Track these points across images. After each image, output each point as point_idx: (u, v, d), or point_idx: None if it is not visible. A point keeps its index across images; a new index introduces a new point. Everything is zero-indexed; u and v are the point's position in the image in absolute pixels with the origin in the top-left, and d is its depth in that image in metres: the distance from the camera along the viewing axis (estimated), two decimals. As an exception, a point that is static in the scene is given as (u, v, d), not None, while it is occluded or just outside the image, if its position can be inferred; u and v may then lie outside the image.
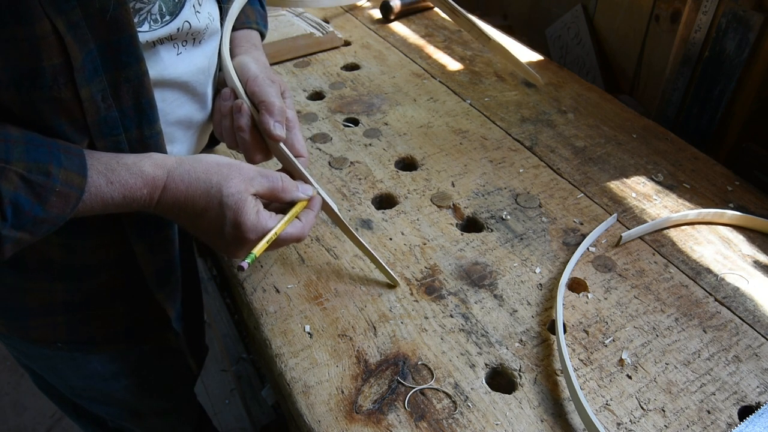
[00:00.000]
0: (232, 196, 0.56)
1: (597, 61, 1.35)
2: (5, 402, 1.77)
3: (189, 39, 0.63)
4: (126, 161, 0.55)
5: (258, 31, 0.79)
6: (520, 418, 0.60)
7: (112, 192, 0.53)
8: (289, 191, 0.62)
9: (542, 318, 0.70)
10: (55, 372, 0.82)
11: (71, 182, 0.50)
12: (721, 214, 0.83)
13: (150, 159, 0.56)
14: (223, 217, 0.57)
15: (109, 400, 0.88)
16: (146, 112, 0.57)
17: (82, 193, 0.51)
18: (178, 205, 0.57)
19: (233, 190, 0.57)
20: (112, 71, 0.53)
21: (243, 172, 0.58)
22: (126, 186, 0.54)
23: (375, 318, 0.70)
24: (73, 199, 0.51)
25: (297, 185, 0.63)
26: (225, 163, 0.59)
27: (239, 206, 0.57)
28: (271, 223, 0.59)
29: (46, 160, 0.48)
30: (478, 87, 1.14)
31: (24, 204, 0.47)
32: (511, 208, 0.86)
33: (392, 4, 1.38)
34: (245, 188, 0.58)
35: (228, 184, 0.57)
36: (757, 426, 0.58)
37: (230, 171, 0.58)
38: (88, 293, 0.71)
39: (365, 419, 0.60)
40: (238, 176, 0.58)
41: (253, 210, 0.58)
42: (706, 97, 1.04)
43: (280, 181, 0.61)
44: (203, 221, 0.58)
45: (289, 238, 0.61)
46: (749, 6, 0.93)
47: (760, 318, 0.70)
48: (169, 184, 0.56)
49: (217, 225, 0.58)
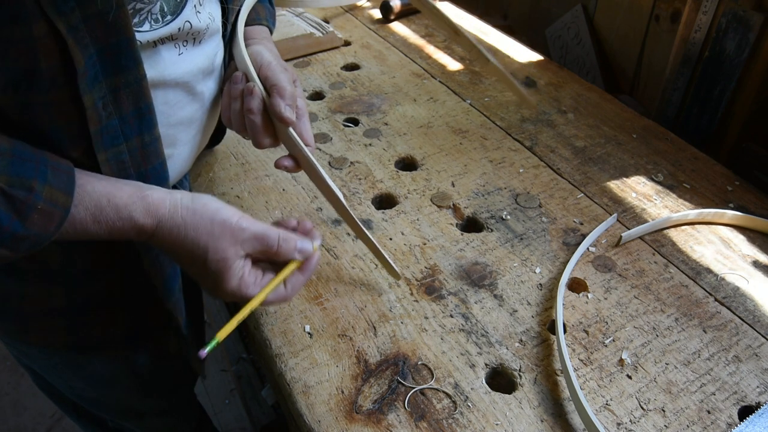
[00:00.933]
0: (217, 261, 0.55)
1: (597, 61, 1.35)
2: (5, 402, 1.77)
3: (190, 39, 0.63)
4: (117, 202, 0.53)
5: (267, 27, 0.79)
6: (520, 418, 0.60)
7: (98, 230, 0.52)
8: (284, 254, 0.58)
9: (542, 318, 0.70)
10: (55, 372, 0.82)
11: (55, 200, 0.49)
12: (721, 214, 0.83)
13: (143, 203, 0.54)
14: (207, 274, 0.56)
15: (109, 400, 0.88)
16: (146, 117, 0.57)
17: (67, 212, 0.50)
18: (166, 249, 0.57)
19: (219, 256, 0.55)
20: (112, 76, 0.52)
21: (237, 234, 0.56)
22: (113, 228, 0.53)
23: (375, 318, 0.70)
24: (56, 218, 0.49)
25: (296, 244, 0.59)
26: (220, 221, 0.56)
27: (222, 271, 0.55)
28: (253, 290, 0.57)
29: (30, 175, 0.47)
30: (478, 87, 1.14)
31: (3, 219, 0.46)
32: (511, 208, 0.86)
33: (392, 4, 1.38)
34: (233, 253, 0.56)
35: (216, 247, 0.55)
36: (757, 426, 0.58)
37: (222, 232, 0.55)
38: (88, 299, 0.71)
39: (365, 419, 0.60)
40: (229, 239, 0.55)
41: (236, 277, 0.56)
42: (706, 97, 1.04)
43: (276, 245, 0.58)
44: (187, 267, 0.58)
45: (269, 303, 0.60)
46: (749, 6, 0.93)
47: (760, 318, 0.70)
48: (158, 233, 0.55)
49: (201, 277, 0.57)
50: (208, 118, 0.73)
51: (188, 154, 0.71)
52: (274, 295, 0.59)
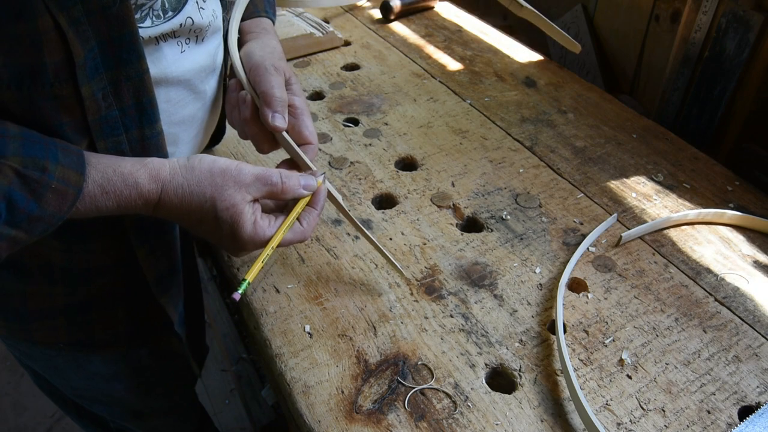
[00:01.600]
0: (227, 210, 0.55)
1: (597, 61, 1.35)
2: (5, 402, 1.77)
3: (192, 36, 0.62)
4: (123, 170, 0.53)
5: (266, 18, 0.78)
6: (520, 418, 0.60)
7: (106, 201, 0.53)
8: (289, 191, 0.59)
9: (542, 318, 0.70)
10: (56, 372, 0.82)
11: (68, 179, 0.49)
12: (721, 214, 0.83)
13: (146, 169, 0.55)
14: (220, 229, 0.56)
15: (110, 400, 0.88)
16: (147, 111, 0.57)
17: (80, 191, 0.50)
18: (174, 215, 0.57)
19: (228, 204, 0.55)
20: (113, 69, 0.52)
21: (239, 179, 0.56)
22: (121, 197, 0.53)
23: (375, 318, 0.70)
24: (70, 197, 0.50)
25: (299, 180, 0.60)
26: (219, 170, 0.56)
27: (234, 220, 0.55)
28: (269, 232, 0.58)
29: (42, 156, 0.48)
30: (478, 87, 1.14)
31: (18, 200, 0.47)
32: (511, 208, 0.86)
33: (392, 4, 1.38)
34: (241, 198, 0.56)
35: (222, 197, 0.55)
36: (757, 426, 0.58)
37: (224, 180, 0.56)
38: (89, 296, 0.71)
39: (365, 419, 0.60)
40: (233, 185, 0.56)
41: (249, 221, 0.56)
42: (706, 97, 1.04)
43: (280, 182, 0.58)
44: (201, 229, 0.58)
45: (288, 243, 0.60)
46: (749, 6, 0.93)
47: (760, 318, 0.70)
48: (163, 197, 0.55)
49: (216, 234, 0.57)
50: (209, 117, 0.73)
51: (190, 153, 0.71)
52: (292, 234, 0.60)
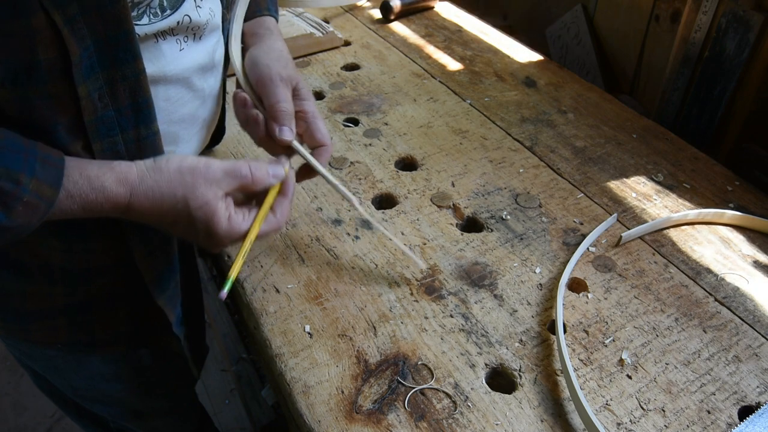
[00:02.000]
0: (200, 208, 0.54)
1: (597, 61, 1.35)
2: (5, 402, 1.77)
3: (190, 34, 0.62)
4: (89, 173, 0.52)
5: (269, 17, 0.77)
6: (520, 418, 0.60)
7: (71, 204, 0.52)
8: (260, 181, 0.59)
9: (542, 318, 0.70)
10: (57, 372, 0.82)
11: (42, 194, 0.49)
12: (721, 214, 0.83)
13: (113, 172, 0.54)
14: (195, 228, 0.56)
15: (110, 400, 0.88)
16: (143, 111, 0.57)
17: (51, 205, 0.50)
18: (147, 218, 0.56)
19: (200, 202, 0.54)
20: (109, 68, 0.52)
21: (209, 175, 0.55)
22: (86, 200, 0.52)
23: (375, 318, 0.70)
24: (40, 210, 0.49)
25: (268, 170, 0.60)
26: (188, 169, 0.55)
27: (209, 217, 0.55)
28: (244, 225, 0.58)
29: (18, 168, 0.47)
30: (478, 87, 1.14)
31: None
32: (511, 208, 0.86)
33: (392, 4, 1.38)
34: (213, 195, 0.55)
35: (194, 196, 0.54)
36: (757, 426, 0.58)
37: (194, 178, 0.55)
38: (89, 297, 0.71)
39: (365, 419, 0.60)
40: (204, 183, 0.55)
41: (224, 217, 0.56)
42: (706, 97, 1.04)
43: (249, 174, 0.58)
44: (176, 229, 0.58)
45: (264, 234, 0.60)
46: (749, 6, 0.93)
47: (760, 318, 0.70)
48: (133, 202, 0.54)
49: (191, 233, 0.57)
50: (209, 116, 0.73)
51: (191, 152, 0.71)
52: (266, 226, 0.60)
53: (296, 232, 0.82)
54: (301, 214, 0.85)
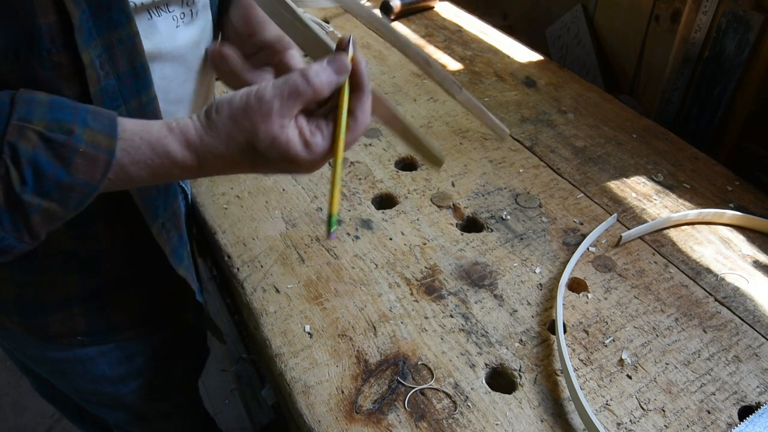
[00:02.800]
0: (271, 146, 0.49)
1: (597, 61, 1.35)
2: (5, 402, 1.77)
3: (186, 9, 0.61)
4: (149, 138, 0.49)
5: None
6: (520, 418, 0.60)
7: (139, 171, 0.49)
8: (322, 87, 0.50)
9: (542, 318, 0.70)
10: (62, 377, 0.82)
11: (97, 143, 0.46)
12: (721, 214, 0.83)
13: (173, 135, 0.50)
14: (275, 163, 0.51)
15: (115, 404, 0.87)
16: (141, 77, 0.55)
17: (112, 155, 0.47)
18: (224, 172, 0.53)
19: (268, 141, 0.49)
20: (105, 32, 0.51)
21: (264, 109, 0.49)
22: (153, 167, 0.49)
23: (375, 318, 0.70)
24: (101, 162, 0.46)
25: (327, 69, 0.50)
26: (240, 112, 0.50)
27: (283, 151, 0.49)
28: (325, 144, 0.50)
29: (69, 119, 0.45)
30: (478, 87, 1.14)
31: (45, 165, 0.44)
32: (511, 208, 0.86)
33: (392, 4, 1.38)
34: (278, 128, 0.49)
35: (259, 138, 0.49)
36: (757, 426, 0.58)
37: (252, 121, 0.49)
38: (102, 281, 0.70)
39: (365, 419, 0.60)
40: (262, 121, 0.49)
41: (299, 145, 0.50)
42: (706, 97, 1.04)
43: (307, 85, 0.49)
44: (257, 169, 0.53)
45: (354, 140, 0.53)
46: (749, 6, 0.93)
47: (760, 318, 0.70)
48: (202, 163, 0.51)
49: (274, 169, 0.52)
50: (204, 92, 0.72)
51: None
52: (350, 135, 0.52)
53: (296, 232, 0.82)
54: (301, 214, 0.85)
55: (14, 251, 0.48)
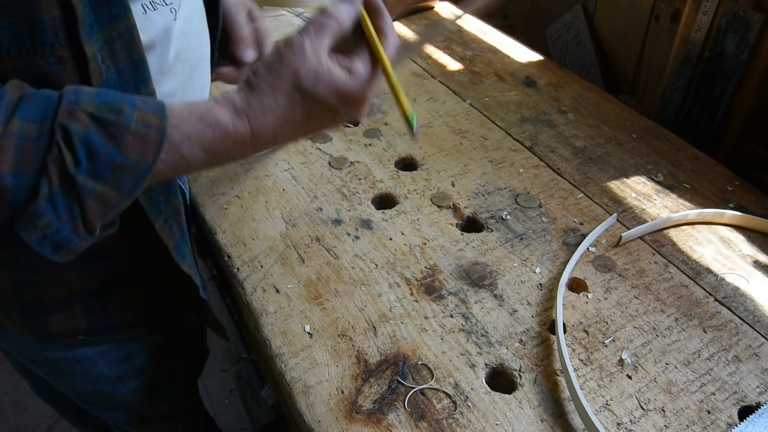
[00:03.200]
0: (317, 83, 0.50)
1: (597, 61, 1.35)
2: (5, 402, 1.77)
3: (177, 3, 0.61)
4: (198, 110, 0.49)
5: None
6: (520, 418, 0.60)
7: (192, 148, 0.49)
8: (345, 16, 0.53)
9: (542, 318, 0.70)
10: (62, 378, 0.82)
11: (148, 122, 0.46)
12: (721, 214, 0.83)
13: (219, 105, 0.50)
14: (329, 105, 0.51)
15: (115, 404, 0.87)
16: (140, 69, 0.55)
17: (163, 134, 0.46)
18: (279, 132, 0.52)
19: (312, 78, 0.50)
20: (105, 26, 0.51)
21: (296, 50, 0.50)
22: (205, 140, 0.49)
23: (375, 318, 0.70)
24: (153, 141, 0.46)
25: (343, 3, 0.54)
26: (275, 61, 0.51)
27: (330, 85, 0.50)
28: (368, 67, 0.53)
29: (118, 101, 0.45)
30: (478, 87, 1.14)
31: (97, 145, 0.44)
32: (511, 208, 0.86)
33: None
34: (317, 62, 0.50)
35: (302, 77, 0.50)
36: (757, 426, 0.58)
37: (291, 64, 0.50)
38: (104, 279, 0.70)
39: (365, 419, 0.60)
40: (299, 60, 0.50)
41: (343, 75, 0.51)
42: (706, 97, 1.04)
43: (328, 17, 0.52)
44: (313, 123, 0.53)
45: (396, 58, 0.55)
46: (749, 6, 0.93)
47: (760, 318, 0.70)
48: (255, 127, 0.50)
49: (329, 113, 0.52)
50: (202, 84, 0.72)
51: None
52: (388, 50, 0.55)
53: (296, 232, 0.82)
54: (301, 214, 0.85)
55: (69, 246, 0.47)
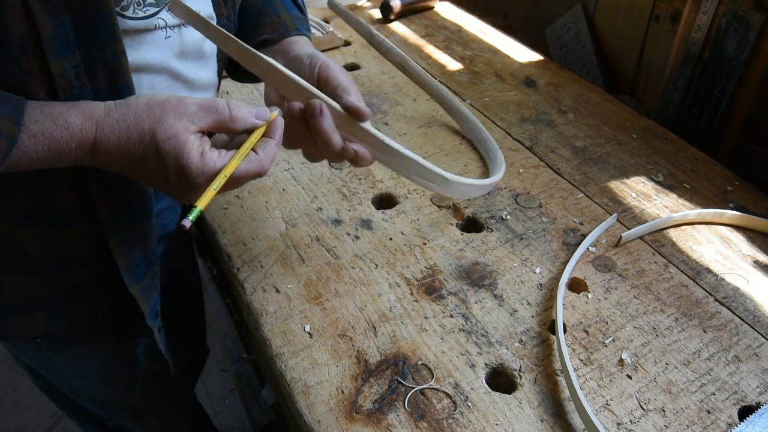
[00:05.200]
0: (169, 140, 0.50)
1: (597, 61, 1.35)
2: (5, 402, 1.77)
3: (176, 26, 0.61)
4: (52, 110, 0.50)
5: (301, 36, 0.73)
6: (520, 418, 0.60)
7: (35, 146, 0.49)
8: (239, 120, 0.54)
9: (542, 318, 0.70)
10: (54, 371, 0.82)
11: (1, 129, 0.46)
12: (721, 214, 0.83)
13: (78, 108, 0.50)
14: (165, 165, 0.51)
15: (107, 399, 0.88)
16: (122, 93, 0.55)
17: (13, 142, 0.47)
18: (114, 157, 0.52)
19: (169, 133, 0.50)
20: (87, 48, 0.50)
21: (179, 108, 0.52)
22: (51, 139, 0.49)
23: (375, 318, 0.70)
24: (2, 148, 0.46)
25: (251, 110, 0.55)
26: (157, 102, 0.52)
27: (178, 150, 0.50)
28: (219, 162, 0.52)
29: None
30: (478, 87, 1.14)
31: None
32: (511, 208, 0.86)
33: (392, 4, 1.38)
34: (183, 127, 0.51)
35: (162, 127, 0.50)
36: (757, 426, 0.58)
37: (163, 111, 0.51)
38: (67, 288, 0.69)
39: (365, 419, 0.60)
40: (173, 115, 0.51)
41: (196, 152, 0.51)
42: (706, 97, 1.04)
43: (227, 109, 0.53)
44: (144, 171, 0.53)
45: (245, 175, 0.54)
46: (749, 6, 0.93)
47: (760, 318, 0.70)
48: (99, 137, 0.51)
49: (161, 173, 0.52)
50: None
51: None
52: (247, 164, 0.54)
53: (296, 232, 0.82)
54: (301, 214, 0.85)
55: None
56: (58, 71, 0.50)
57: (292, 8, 0.76)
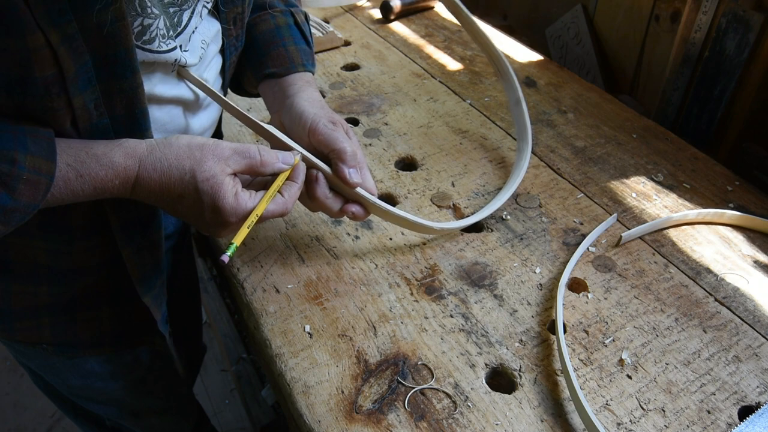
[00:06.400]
0: (207, 181, 0.55)
1: (597, 61, 1.35)
2: (5, 402, 1.77)
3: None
4: (96, 151, 0.53)
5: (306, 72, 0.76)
6: (520, 418, 0.60)
7: (82, 185, 0.52)
8: (268, 164, 0.60)
9: (542, 318, 0.70)
10: (53, 371, 0.82)
11: (39, 168, 0.49)
12: (721, 214, 0.83)
13: (121, 148, 0.55)
14: (201, 203, 0.56)
15: (106, 399, 0.88)
16: (139, 121, 0.57)
17: (52, 178, 0.50)
18: (154, 193, 0.56)
19: (207, 175, 0.55)
20: (106, 81, 0.52)
21: (217, 152, 0.57)
22: (96, 179, 0.53)
23: (375, 318, 0.70)
24: (42, 185, 0.50)
25: (278, 155, 0.61)
26: (197, 145, 0.57)
27: (215, 191, 0.56)
28: (251, 203, 0.58)
29: (10, 147, 0.47)
30: (478, 87, 1.14)
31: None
32: (511, 208, 0.86)
33: (392, 4, 1.38)
34: (220, 170, 0.56)
35: (202, 168, 0.55)
36: (757, 426, 0.58)
37: (203, 154, 0.56)
38: (74, 296, 0.71)
39: (365, 419, 0.60)
40: (212, 158, 0.56)
41: (230, 193, 0.56)
42: (706, 97, 1.04)
43: (258, 155, 0.59)
44: (182, 206, 0.58)
45: (271, 215, 0.60)
46: (749, 6, 0.93)
47: (760, 318, 0.70)
48: (141, 173, 0.55)
49: (197, 210, 0.57)
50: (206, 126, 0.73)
51: None
52: (274, 205, 0.60)
53: (296, 232, 0.82)
54: (301, 214, 0.85)
55: None
56: (79, 105, 0.51)
57: (300, 41, 0.77)
